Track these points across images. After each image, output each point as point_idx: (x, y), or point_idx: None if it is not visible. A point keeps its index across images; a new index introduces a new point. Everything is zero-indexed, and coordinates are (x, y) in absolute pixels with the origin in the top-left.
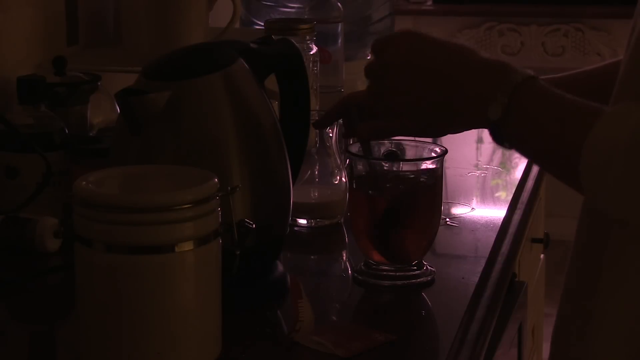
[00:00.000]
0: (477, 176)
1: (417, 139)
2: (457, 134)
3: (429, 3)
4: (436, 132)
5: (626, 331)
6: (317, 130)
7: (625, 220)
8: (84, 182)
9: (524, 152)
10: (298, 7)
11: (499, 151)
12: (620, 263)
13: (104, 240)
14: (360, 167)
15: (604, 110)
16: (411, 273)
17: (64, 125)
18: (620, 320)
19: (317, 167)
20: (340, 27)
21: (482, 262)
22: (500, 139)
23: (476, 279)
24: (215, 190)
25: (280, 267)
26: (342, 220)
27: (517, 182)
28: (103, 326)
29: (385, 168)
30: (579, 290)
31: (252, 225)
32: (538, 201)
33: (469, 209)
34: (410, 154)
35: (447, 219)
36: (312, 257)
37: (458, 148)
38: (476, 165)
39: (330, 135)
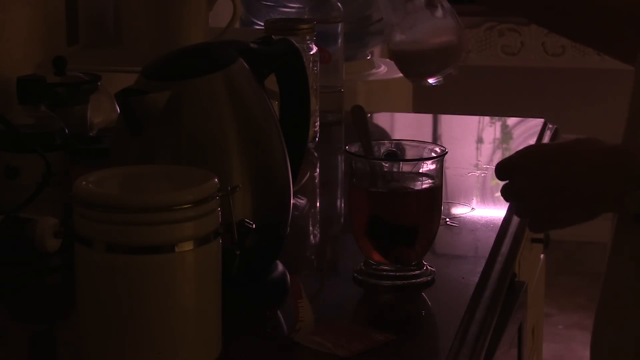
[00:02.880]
0: (477, 176)
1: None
2: (457, 133)
3: None
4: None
5: None
6: (317, 129)
7: None
8: (84, 182)
9: None
10: (298, 7)
11: (499, 151)
12: None
13: (104, 240)
14: (360, 166)
15: None
16: (411, 273)
17: (64, 125)
18: None
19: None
20: (340, 27)
21: (482, 262)
22: None
23: (476, 279)
24: (215, 190)
25: (280, 267)
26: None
27: None
28: (103, 326)
29: (385, 169)
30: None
31: (252, 225)
32: None
33: (469, 209)
34: (410, 154)
35: (447, 219)
36: (312, 257)
37: (458, 148)
38: (476, 165)
39: None
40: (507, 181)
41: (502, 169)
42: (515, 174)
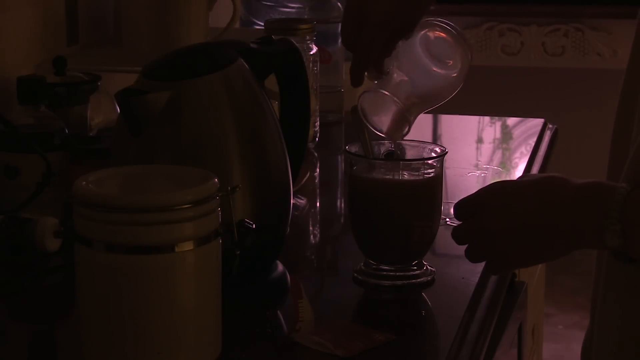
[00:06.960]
0: (477, 176)
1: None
2: (457, 133)
3: None
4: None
5: None
6: (317, 129)
7: None
8: (84, 182)
9: None
10: (298, 7)
11: (499, 151)
12: None
13: (104, 240)
14: (359, 166)
15: None
16: (411, 273)
17: (64, 125)
18: None
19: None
20: (340, 27)
21: (482, 262)
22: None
23: (476, 279)
24: (215, 190)
25: (280, 267)
26: None
27: None
28: (103, 326)
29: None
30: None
31: (252, 225)
32: None
33: None
34: (410, 154)
35: (447, 219)
36: (312, 257)
37: (458, 148)
38: (476, 165)
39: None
40: (461, 222)
41: (466, 206)
42: (481, 211)
